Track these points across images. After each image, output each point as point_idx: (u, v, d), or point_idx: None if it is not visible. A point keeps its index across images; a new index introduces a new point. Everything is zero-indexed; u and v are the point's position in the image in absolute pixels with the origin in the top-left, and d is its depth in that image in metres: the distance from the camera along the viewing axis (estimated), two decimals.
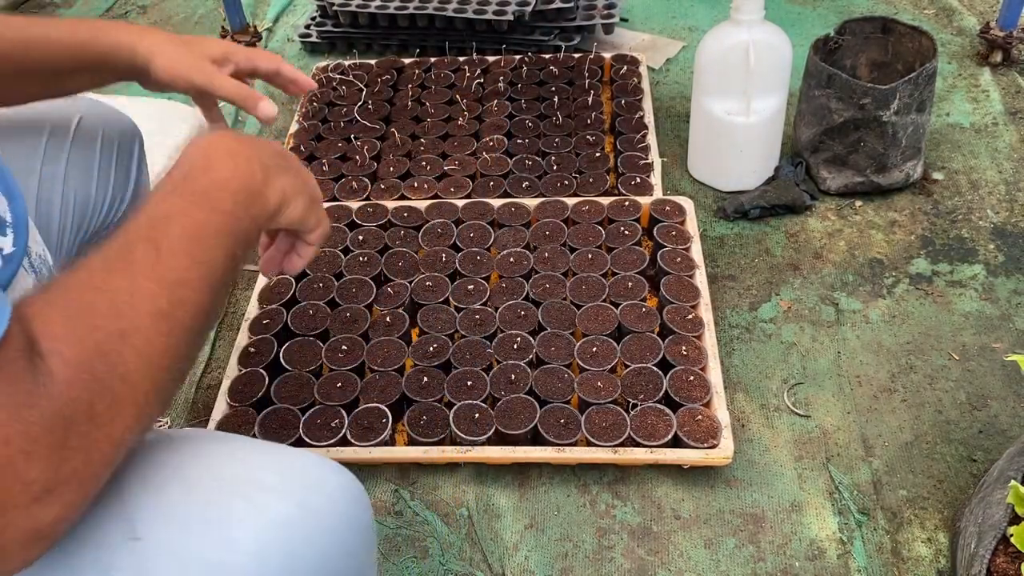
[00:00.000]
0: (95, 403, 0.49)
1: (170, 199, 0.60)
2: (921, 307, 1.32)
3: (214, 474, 0.59)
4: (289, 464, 0.62)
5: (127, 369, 0.51)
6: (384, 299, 1.30)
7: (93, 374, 0.49)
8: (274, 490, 0.59)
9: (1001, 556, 0.86)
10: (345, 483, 0.64)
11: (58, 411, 0.47)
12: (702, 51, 1.44)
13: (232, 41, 0.90)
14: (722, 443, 1.08)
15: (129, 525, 0.55)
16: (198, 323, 0.57)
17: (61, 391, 0.47)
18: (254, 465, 0.61)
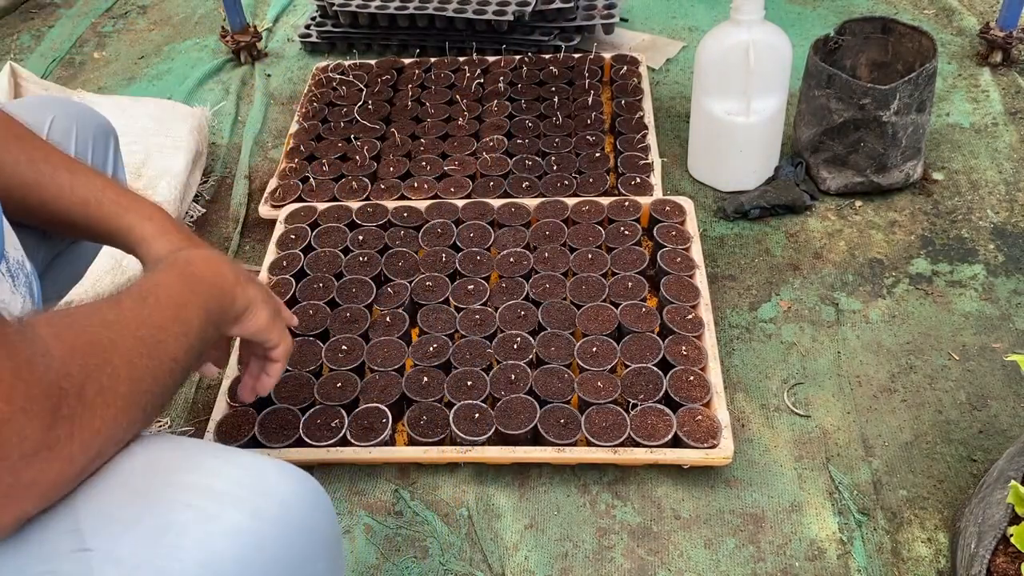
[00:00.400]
0: (86, 386, 0.55)
1: (159, 275, 0.72)
2: (921, 307, 1.32)
3: (166, 481, 0.59)
4: (243, 470, 0.61)
5: (114, 370, 0.58)
6: (384, 299, 1.30)
7: (86, 361, 0.56)
8: (226, 497, 0.58)
9: (1001, 556, 0.86)
10: (303, 489, 0.63)
11: (54, 380, 0.52)
12: (702, 51, 1.44)
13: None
14: (722, 443, 1.08)
15: (78, 536, 0.54)
16: (174, 369, 0.65)
17: (58, 365, 0.53)
18: (207, 471, 0.60)
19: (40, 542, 0.54)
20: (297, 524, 0.61)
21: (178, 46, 2.15)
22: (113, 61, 2.12)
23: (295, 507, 0.62)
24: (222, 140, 1.77)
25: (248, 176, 1.67)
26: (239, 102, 1.89)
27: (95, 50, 2.17)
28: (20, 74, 1.64)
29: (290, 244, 1.41)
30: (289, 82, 1.96)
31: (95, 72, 2.07)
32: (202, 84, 1.95)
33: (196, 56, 2.08)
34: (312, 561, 0.63)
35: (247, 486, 0.60)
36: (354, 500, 1.11)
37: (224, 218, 1.59)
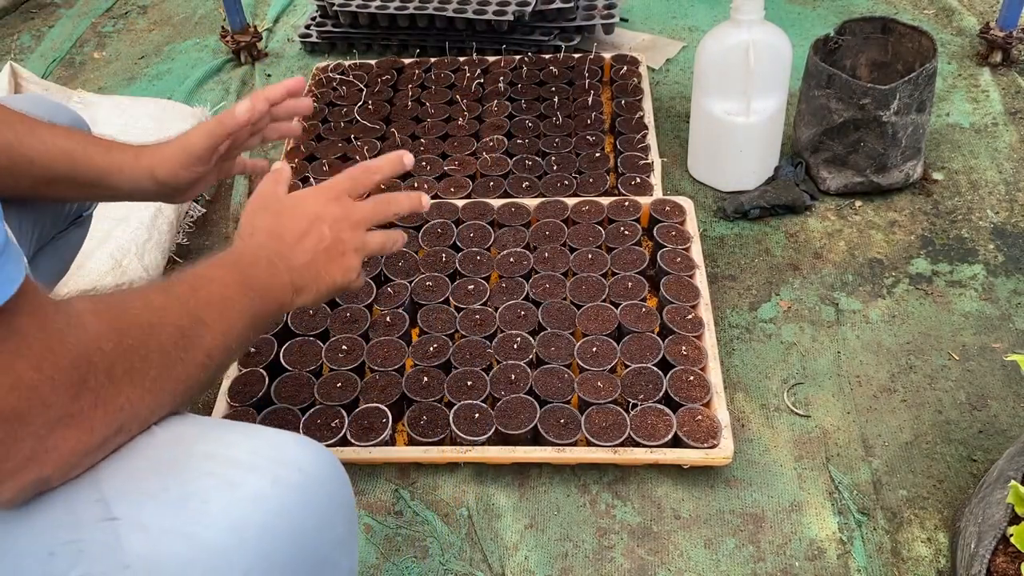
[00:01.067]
0: (115, 364, 0.56)
1: (217, 270, 0.71)
2: (921, 307, 1.32)
3: (188, 452, 0.60)
4: (262, 441, 0.62)
5: (147, 353, 0.59)
6: (384, 299, 1.30)
7: (120, 341, 0.57)
8: (247, 466, 0.60)
9: (1001, 556, 0.86)
10: (320, 458, 0.64)
11: (84, 353, 0.54)
12: (702, 51, 1.44)
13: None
14: (722, 443, 1.08)
15: (104, 506, 0.55)
16: (207, 365, 0.66)
17: (91, 339, 0.55)
18: (227, 443, 0.61)
19: (65, 513, 0.55)
20: (316, 490, 0.62)
21: (178, 46, 2.15)
22: (113, 61, 2.12)
23: (313, 474, 0.62)
24: None
25: (248, 176, 1.67)
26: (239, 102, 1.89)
27: (95, 50, 2.17)
28: (20, 74, 1.64)
29: None
30: None
31: (95, 72, 2.08)
32: (202, 84, 1.95)
33: (196, 56, 2.08)
34: (331, 526, 0.64)
35: (267, 456, 0.61)
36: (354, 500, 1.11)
37: (224, 218, 1.59)
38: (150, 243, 1.36)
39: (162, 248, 1.40)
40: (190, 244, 1.50)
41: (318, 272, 0.81)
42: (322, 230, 0.82)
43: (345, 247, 0.84)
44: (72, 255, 1.08)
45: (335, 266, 0.83)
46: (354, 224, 0.85)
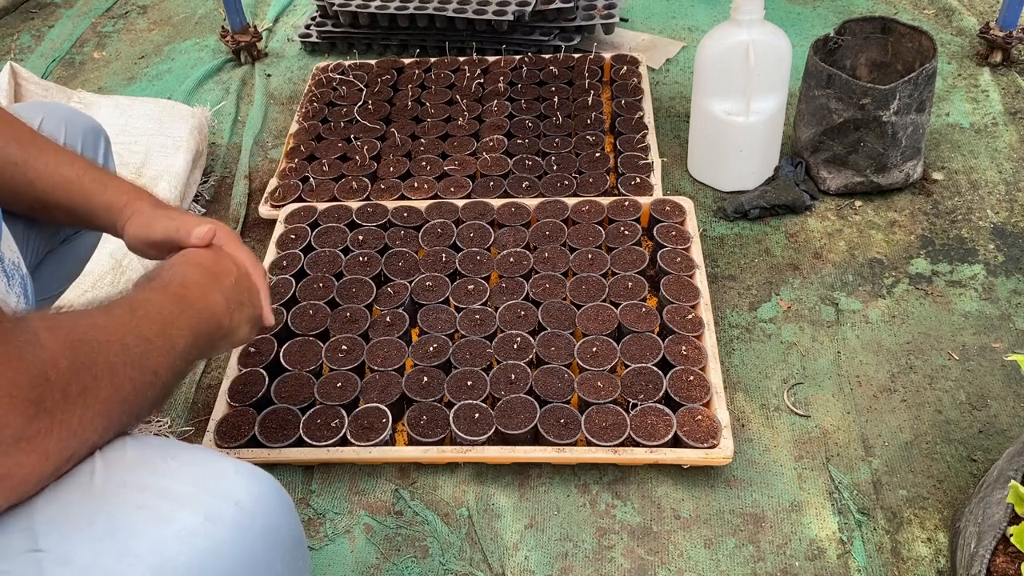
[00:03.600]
0: (71, 383, 0.56)
1: (151, 292, 0.73)
2: (921, 307, 1.32)
3: (122, 481, 0.58)
4: (200, 471, 0.61)
5: (98, 371, 0.59)
6: (384, 299, 1.30)
7: (74, 357, 0.57)
8: (181, 499, 0.58)
9: (1001, 556, 0.86)
10: (261, 491, 0.63)
11: (42, 371, 0.54)
12: (702, 51, 1.44)
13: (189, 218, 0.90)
14: (722, 443, 1.08)
15: (31, 536, 0.54)
16: (154, 383, 0.66)
17: (48, 356, 0.55)
18: (163, 472, 0.60)
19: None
20: (252, 526, 0.60)
21: (178, 46, 2.15)
22: (113, 61, 2.12)
23: (251, 509, 0.61)
24: (222, 140, 1.77)
25: (248, 176, 1.67)
26: (239, 102, 1.89)
27: (95, 50, 2.17)
28: (20, 74, 1.64)
29: (290, 244, 1.41)
30: (289, 82, 1.96)
31: (95, 72, 2.08)
32: (202, 84, 1.95)
33: (196, 56, 2.08)
34: (269, 565, 0.62)
35: (202, 487, 0.60)
36: (354, 500, 1.11)
37: (224, 218, 1.59)
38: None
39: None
40: None
41: (247, 290, 0.84)
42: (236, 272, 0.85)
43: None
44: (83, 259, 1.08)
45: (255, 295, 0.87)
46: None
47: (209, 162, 1.71)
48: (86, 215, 0.89)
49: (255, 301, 0.87)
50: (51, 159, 0.86)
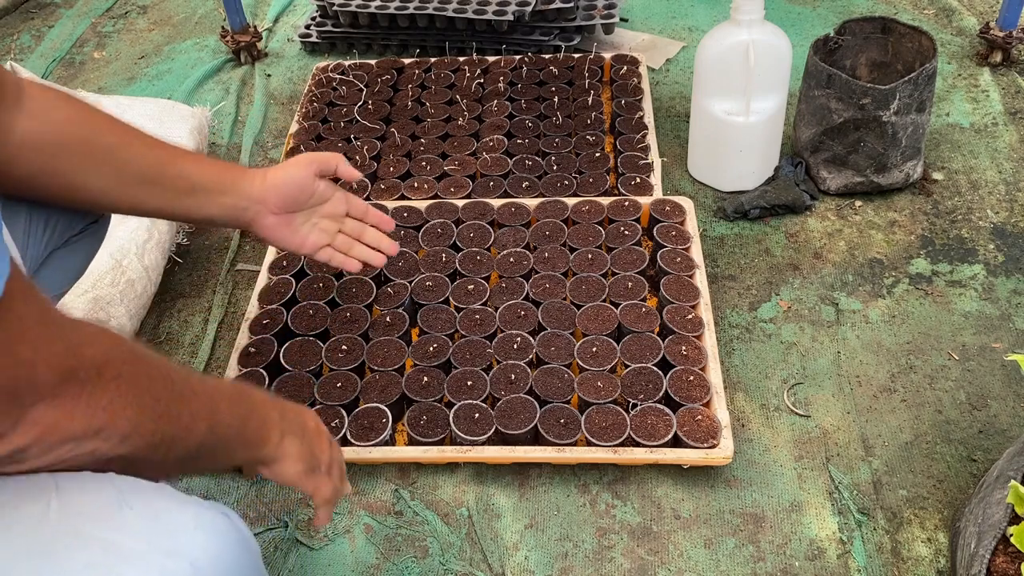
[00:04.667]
0: (106, 366, 0.59)
1: (223, 382, 0.75)
2: (921, 307, 1.32)
3: (74, 531, 0.57)
4: (157, 527, 0.60)
5: (138, 374, 0.62)
6: (384, 299, 1.30)
7: (115, 348, 0.61)
8: (132, 557, 0.57)
9: (1001, 556, 0.86)
10: (219, 546, 0.61)
11: (77, 346, 0.57)
12: (702, 51, 1.44)
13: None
14: (722, 443, 1.08)
15: None
16: (166, 459, 0.66)
17: (87, 336, 0.59)
18: (117, 524, 0.59)
19: None
20: None
21: (178, 46, 2.15)
22: (113, 61, 2.12)
23: (207, 568, 0.60)
24: (222, 140, 1.77)
25: None
26: (239, 102, 1.89)
27: (95, 50, 2.17)
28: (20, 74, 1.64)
29: None
30: (289, 82, 1.96)
31: (95, 72, 2.08)
32: (202, 84, 1.95)
33: (196, 56, 2.08)
34: None
35: (156, 545, 0.58)
36: (354, 500, 1.11)
37: None
38: (150, 243, 1.36)
39: (162, 248, 1.40)
40: (190, 244, 1.50)
41: (298, 437, 0.84)
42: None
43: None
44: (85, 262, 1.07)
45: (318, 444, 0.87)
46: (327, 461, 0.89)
47: None
48: (207, 185, 0.96)
49: (321, 449, 0.86)
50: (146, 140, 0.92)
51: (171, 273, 1.47)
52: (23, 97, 0.84)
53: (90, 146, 0.88)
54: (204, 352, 1.32)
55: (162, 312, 1.41)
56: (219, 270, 1.47)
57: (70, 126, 0.87)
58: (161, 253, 1.39)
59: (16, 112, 0.83)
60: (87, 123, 0.88)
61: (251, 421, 0.76)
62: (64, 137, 0.86)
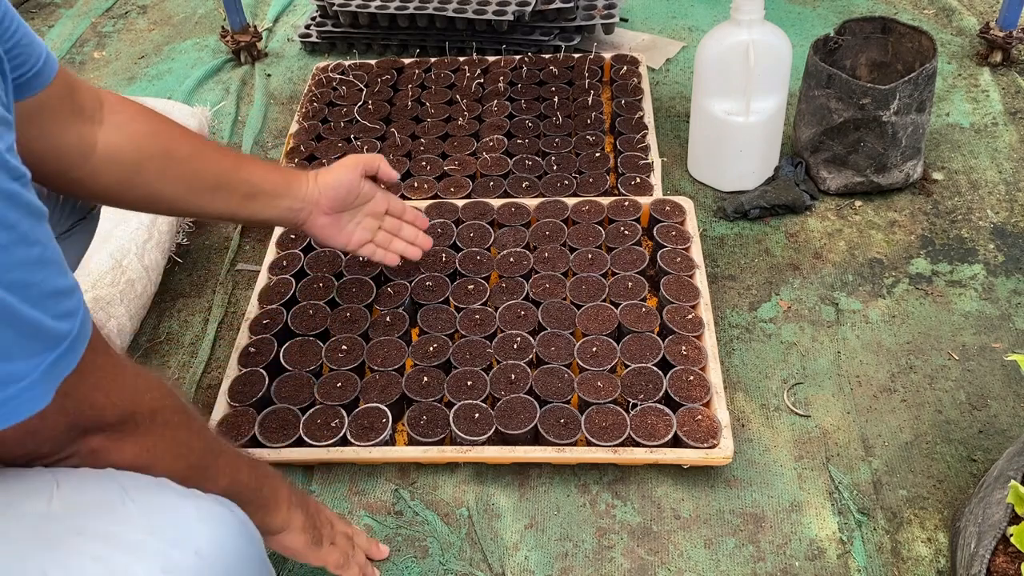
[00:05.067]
0: (157, 414, 0.68)
1: (246, 466, 0.81)
2: (921, 307, 1.32)
3: (79, 528, 0.58)
4: (160, 519, 0.61)
5: (177, 426, 0.70)
6: (384, 299, 1.30)
7: (165, 401, 0.69)
8: (138, 551, 0.58)
9: (1001, 556, 0.86)
10: (223, 536, 0.63)
11: (139, 394, 0.67)
12: (702, 51, 1.44)
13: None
14: (722, 443, 1.08)
15: None
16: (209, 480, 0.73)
17: (144, 385, 0.68)
18: (121, 518, 0.60)
19: None
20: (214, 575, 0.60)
21: (178, 46, 2.15)
22: (113, 61, 2.12)
23: (212, 557, 0.61)
24: (222, 140, 1.77)
25: None
26: (239, 102, 1.89)
27: (95, 50, 2.17)
28: None
29: (290, 244, 1.41)
30: (289, 82, 1.96)
31: (95, 72, 2.08)
32: (202, 84, 1.95)
33: (196, 56, 2.08)
34: None
35: (160, 536, 0.59)
36: (354, 500, 1.11)
37: None
38: (150, 243, 1.36)
39: (162, 248, 1.40)
40: (190, 244, 1.50)
41: (324, 524, 0.92)
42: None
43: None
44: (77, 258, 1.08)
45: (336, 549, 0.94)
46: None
47: None
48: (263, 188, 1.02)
49: (327, 525, 0.94)
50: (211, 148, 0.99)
51: (171, 273, 1.47)
52: (103, 110, 0.87)
53: (168, 158, 0.92)
54: (204, 352, 1.32)
55: (162, 312, 1.41)
56: (219, 270, 1.47)
57: (149, 138, 0.91)
58: (161, 253, 1.39)
59: (97, 126, 0.87)
60: (165, 135, 0.93)
61: (266, 488, 0.81)
62: (145, 150, 0.90)
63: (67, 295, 0.57)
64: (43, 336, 0.54)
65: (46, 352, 0.54)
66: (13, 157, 0.53)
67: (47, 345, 0.55)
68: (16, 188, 0.52)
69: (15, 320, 0.52)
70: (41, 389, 0.54)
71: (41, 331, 0.54)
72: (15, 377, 0.52)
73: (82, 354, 0.58)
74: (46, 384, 0.55)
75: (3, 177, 0.51)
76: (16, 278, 0.52)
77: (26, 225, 0.53)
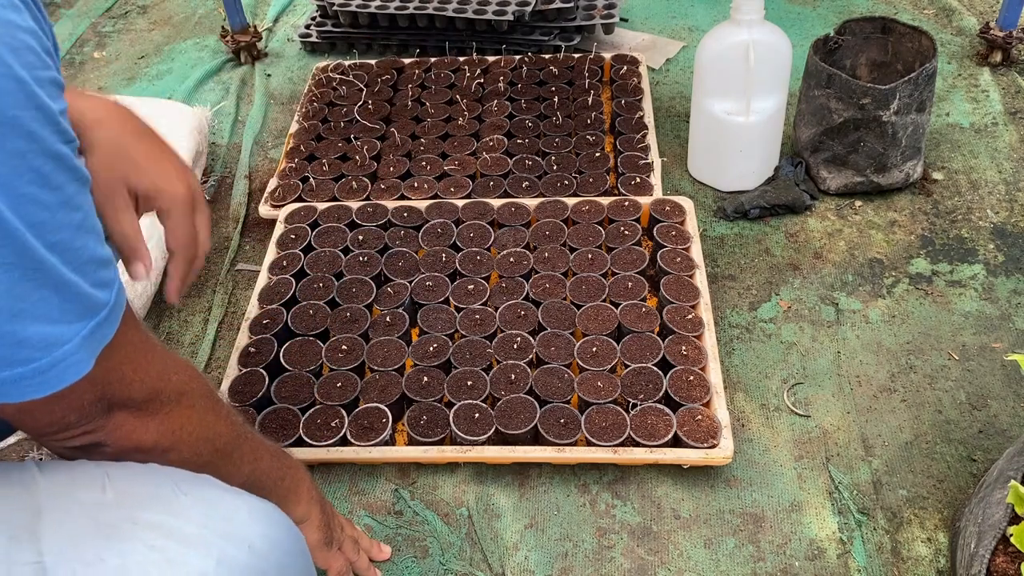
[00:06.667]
0: (183, 395, 0.69)
1: (270, 444, 0.83)
2: (921, 307, 1.32)
3: (133, 518, 0.59)
4: (213, 511, 0.62)
5: (204, 409, 0.71)
6: (384, 299, 1.30)
7: (189, 383, 0.70)
8: (192, 540, 0.59)
9: (1001, 556, 0.86)
10: (274, 532, 0.63)
11: (166, 373, 0.68)
12: (702, 51, 1.44)
13: (187, 186, 0.84)
14: (722, 443, 1.08)
15: (40, 569, 0.55)
16: (234, 463, 0.75)
17: (172, 366, 0.68)
18: (175, 510, 0.60)
19: (4, 572, 0.55)
20: (265, 571, 0.61)
21: (178, 46, 2.15)
22: (113, 61, 2.12)
23: (264, 552, 0.61)
24: (222, 140, 1.77)
25: (248, 176, 1.67)
26: (239, 102, 1.89)
27: (95, 50, 2.17)
28: None
29: (290, 244, 1.41)
30: (289, 82, 1.96)
31: (95, 72, 2.07)
32: (202, 84, 1.95)
33: (196, 56, 2.08)
34: None
35: (215, 529, 0.60)
36: (354, 500, 1.11)
37: (224, 218, 1.59)
38: (150, 243, 1.34)
39: (162, 248, 1.39)
40: None
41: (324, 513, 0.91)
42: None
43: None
44: None
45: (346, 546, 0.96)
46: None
47: (209, 162, 1.70)
48: None
49: (340, 529, 0.95)
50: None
51: None
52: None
53: None
54: (204, 352, 1.32)
55: (162, 312, 1.41)
56: (219, 270, 1.47)
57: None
58: (161, 253, 1.39)
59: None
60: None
61: (287, 479, 0.81)
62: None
63: (105, 265, 0.57)
64: (84, 302, 0.54)
65: (87, 319, 0.55)
66: (65, 121, 0.53)
67: (88, 312, 0.55)
68: (66, 151, 0.53)
69: (59, 283, 0.52)
70: (82, 355, 0.55)
71: (82, 296, 0.54)
72: (59, 341, 0.53)
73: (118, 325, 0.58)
74: (86, 351, 0.55)
75: (55, 139, 0.52)
76: (60, 240, 0.52)
77: (72, 189, 0.53)
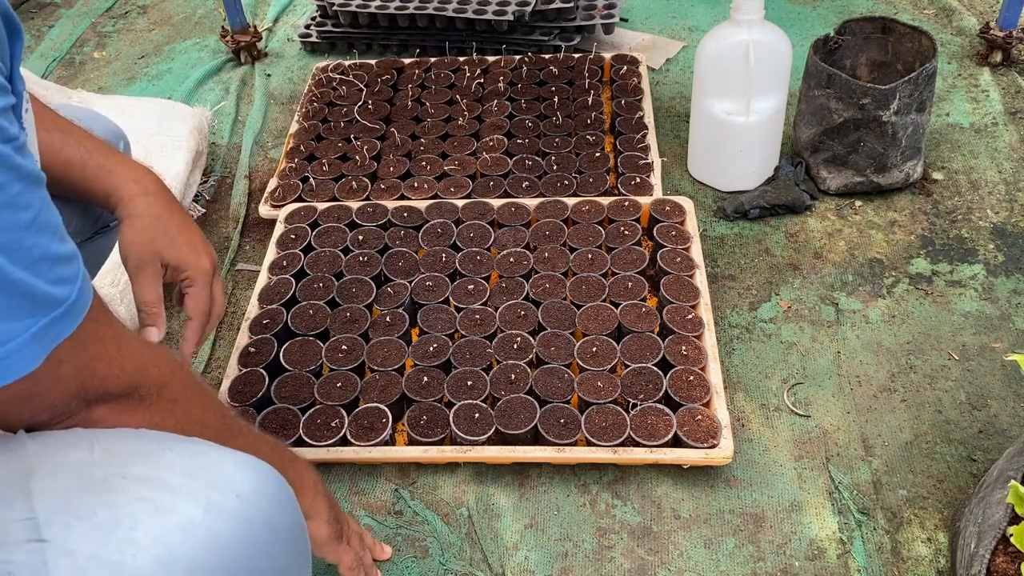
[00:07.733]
0: (165, 389, 0.68)
1: (265, 437, 0.83)
2: (921, 307, 1.32)
3: (122, 473, 0.60)
4: (199, 462, 0.62)
5: (190, 401, 0.71)
6: (384, 299, 1.30)
7: (175, 377, 0.70)
8: (180, 490, 0.59)
9: (1001, 556, 0.86)
10: (261, 481, 0.64)
11: (144, 367, 0.67)
12: (702, 51, 1.44)
13: (211, 261, 0.98)
14: (722, 443, 1.08)
15: (34, 526, 0.56)
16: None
17: (151, 358, 0.68)
18: (162, 464, 0.61)
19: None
20: (253, 517, 0.61)
21: (178, 46, 2.15)
22: (113, 61, 2.12)
23: (251, 500, 0.62)
24: (222, 140, 1.77)
25: (248, 176, 1.67)
26: (239, 102, 1.89)
27: (95, 50, 2.17)
28: None
29: (290, 244, 1.41)
30: (289, 82, 1.96)
31: (95, 72, 2.08)
32: (202, 84, 1.95)
33: (196, 56, 2.08)
34: (271, 556, 0.63)
35: (203, 479, 0.61)
36: (354, 500, 1.11)
37: (224, 218, 1.59)
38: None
39: None
40: None
41: (330, 506, 0.90)
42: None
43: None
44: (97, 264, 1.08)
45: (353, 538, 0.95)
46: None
47: (209, 162, 1.71)
48: (90, 196, 0.89)
49: (347, 522, 0.94)
50: (56, 140, 0.85)
51: None
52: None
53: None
54: (204, 352, 1.32)
55: None
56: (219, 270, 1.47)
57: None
58: None
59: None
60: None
61: (289, 472, 0.79)
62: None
63: (64, 261, 0.57)
64: (35, 299, 0.54)
65: (38, 315, 0.54)
66: (6, 120, 0.53)
67: (39, 308, 0.55)
68: (7, 151, 0.53)
69: (3, 281, 0.52)
70: (30, 351, 0.54)
71: (33, 294, 0.54)
72: (2, 338, 0.53)
73: (81, 322, 0.58)
74: (36, 347, 0.55)
75: None
76: (7, 240, 0.52)
77: (16, 188, 0.53)
